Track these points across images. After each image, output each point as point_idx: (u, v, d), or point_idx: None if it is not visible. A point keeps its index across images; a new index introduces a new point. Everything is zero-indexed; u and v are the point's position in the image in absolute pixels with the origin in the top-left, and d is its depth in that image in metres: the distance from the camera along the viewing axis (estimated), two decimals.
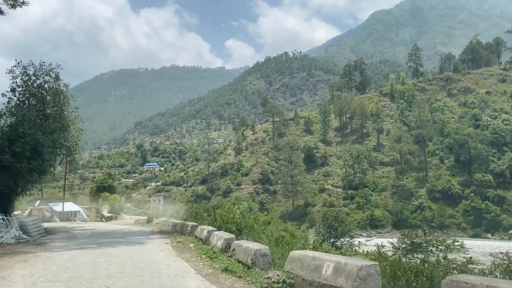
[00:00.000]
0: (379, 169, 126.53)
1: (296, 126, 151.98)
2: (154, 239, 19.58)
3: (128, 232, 25.38)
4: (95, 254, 13.58)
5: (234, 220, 16.56)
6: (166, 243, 16.95)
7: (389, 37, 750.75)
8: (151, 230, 25.81)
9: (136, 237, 21.26)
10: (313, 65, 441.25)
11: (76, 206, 61.96)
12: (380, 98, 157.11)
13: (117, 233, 24.07)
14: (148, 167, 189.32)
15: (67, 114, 28.91)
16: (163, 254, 13.67)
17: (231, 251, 12.04)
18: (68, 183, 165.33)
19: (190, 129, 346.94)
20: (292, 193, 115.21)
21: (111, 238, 20.15)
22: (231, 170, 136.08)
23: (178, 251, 14.48)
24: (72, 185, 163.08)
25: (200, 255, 13.18)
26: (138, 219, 46.68)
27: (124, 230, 27.44)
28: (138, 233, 23.94)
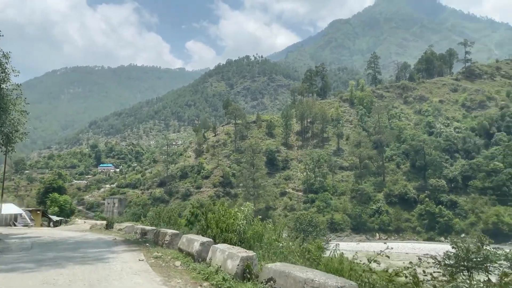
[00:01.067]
0: (339, 173, 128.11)
1: (258, 129, 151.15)
2: (120, 252, 14.29)
3: (83, 241, 19.53)
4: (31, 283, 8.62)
5: (234, 227, 11.95)
6: (140, 260, 12.11)
7: (347, 46, 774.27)
8: (113, 239, 20.27)
9: (94, 249, 15.64)
10: (274, 70, 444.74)
11: (17, 209, 53.82)
12: (340, 103, 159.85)
13: (67, 244, 18.30)
14: (102, 168, 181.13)
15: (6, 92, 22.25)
16: (142, 280, 9.10)
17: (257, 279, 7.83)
18: (13, 184, 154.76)
19: (148, 130, 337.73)
20: (253, 197, 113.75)
21: (59, 252, 14.61)
22: (191, 172, 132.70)
23: (163, 274, 9.77)
24: (18, 187, 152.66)
25: (198, 282, 8.84)
26: (94, 224, 39.12)
27: (77, 238, 21.46)
28: (97, 244, 18.30)
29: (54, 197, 73.32)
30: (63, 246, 17.29)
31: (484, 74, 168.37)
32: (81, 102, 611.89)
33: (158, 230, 17.19)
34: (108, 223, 31.50)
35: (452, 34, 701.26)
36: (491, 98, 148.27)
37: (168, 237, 14.96)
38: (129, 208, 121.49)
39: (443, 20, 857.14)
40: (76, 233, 27.03)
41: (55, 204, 71.13)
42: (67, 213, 72.76)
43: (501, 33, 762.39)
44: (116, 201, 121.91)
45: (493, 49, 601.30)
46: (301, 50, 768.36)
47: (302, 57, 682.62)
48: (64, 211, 72.49)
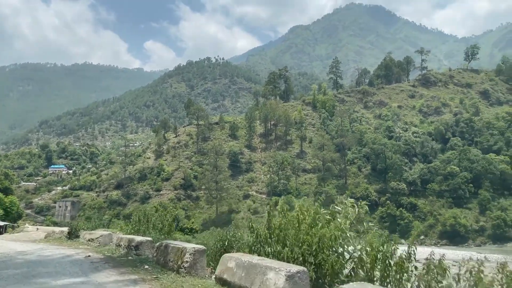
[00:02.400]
0: (302, 175, 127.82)
1: (221, 131, 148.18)
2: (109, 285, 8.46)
3: (40, 261, 12.32)
4: None
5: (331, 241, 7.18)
6: None
7: (306, 51, 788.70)
8: (85, 256, 13.28)
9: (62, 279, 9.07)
10: (235, 73, 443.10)
11: None
12: (303, 106, 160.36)
13: (14, 267, 11.08)
14: (53, 169, 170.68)
15: None
16: None
17: None
18: None
19: (104, 131, 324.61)
20: (216, 199, 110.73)
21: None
22: (151, 174, 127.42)
23: None
24: None
25: None
26: (51, 232, 27.50)
27: (29, 255, 14.00)
28: (63, 266, 11.19)
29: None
30: (7, 271, 10.01)
31: (439, 81, 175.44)
32: (31, 101, 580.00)
33: (165, 243, 10.75)
34: (71, 230, 22.57)
35: (405, 44, 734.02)
36: (446, 105, 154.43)
37: (190, 257, 9.27)
38: (83, 211, 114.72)
39: (397, 31, 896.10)
40: (28, 246, 18.82)
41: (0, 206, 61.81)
42: (13, 217, 64.32)
43: (449, 44, 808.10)
44: (68, 204, 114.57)
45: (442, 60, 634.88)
46: (262, 54, 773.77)
47: (263, 61, 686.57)
48: (10, 214, 63.69)
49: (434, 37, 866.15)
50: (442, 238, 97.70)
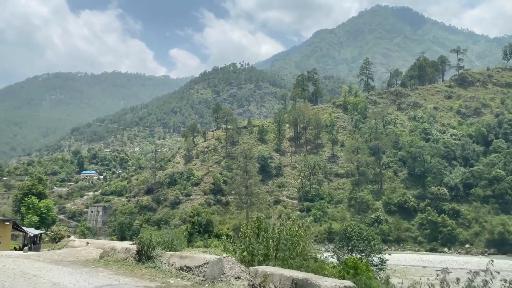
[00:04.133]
0: (334, 180, 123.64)
1: (249, 135, 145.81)
2: None
3: None
4: None
5: None
6: None
7: (331, 55, 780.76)
8: None
9: None
10: (260, 77, 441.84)
11: None
12: (333, 109, 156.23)
13: None
14: (85, 175, 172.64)
15: None
16: None
17: None
18: None
19: (132, 137, 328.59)
20: (246, 205, 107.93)
21: None
22: (180, 179, 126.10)
23: None
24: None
25: None
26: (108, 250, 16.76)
27: None
28: None
29: (32, 202, 56.90)
30: None
31: (477, 81, 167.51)
32: (63, 109, 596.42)
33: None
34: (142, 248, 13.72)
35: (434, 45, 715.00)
36: (486, 105, 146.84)
37: None
38: (114, 216, 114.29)
39: (426, 32, 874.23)
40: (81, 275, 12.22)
41: (34, 211, 55.00)
42: (48, 224, 59.29)
43: (481, 45, 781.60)
44: (100, 210, 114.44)
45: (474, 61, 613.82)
46: (287, 58, 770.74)
47: (288, 65, 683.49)
48: (45, 221, 57.90)
49: (464, 38, 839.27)
50: (489, 246, 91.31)
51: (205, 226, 67.30)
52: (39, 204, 56.25)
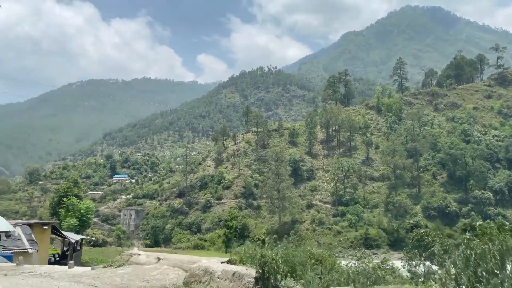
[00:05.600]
0: (369, 184, 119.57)
1: (280, 138, 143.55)
2: None
3: None
4: None
5: None
6: None
7: (360, 57, 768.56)
8: None
9: None
10: (288, 81, 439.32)
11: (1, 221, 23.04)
12: (367, 111, 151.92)
13: None
14: (117, 179, 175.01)
15: None
16: None
17: None
18: (27, 194, 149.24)
19: (162, 141, 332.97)
20: (279, 209, 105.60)
21: None
22: (211, 182, 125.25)
23: None
24: (32, 197, 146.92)
25: None
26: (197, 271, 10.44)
27: None
28: None
29: (72, 203, 53.03)
30: None
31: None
32: (96, 115, 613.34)
33: None
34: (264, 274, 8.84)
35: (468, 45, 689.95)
36: None
37: None
38: (147, 220, 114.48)
39: (458, 32, 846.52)
40: None
41: (73, 213, 50.60)
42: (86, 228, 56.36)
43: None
44: (133, 213, 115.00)
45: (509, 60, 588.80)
46: (314, 61, 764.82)
47: (315, 68, 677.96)
48: (85, 224, 54.05)
49: (499, 37, 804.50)
50: None
51: (241, 231, 65.48)
52: (79, 206, 52.00)
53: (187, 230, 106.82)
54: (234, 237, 63.51)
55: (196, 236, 69.23)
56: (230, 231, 63.52)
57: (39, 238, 25.11)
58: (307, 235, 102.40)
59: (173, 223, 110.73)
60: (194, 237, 70.06)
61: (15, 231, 21.54)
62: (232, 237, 62.56)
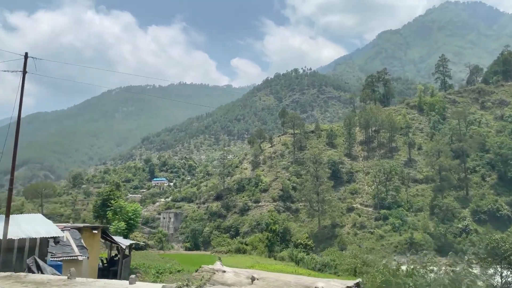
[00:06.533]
0: (413, 186, 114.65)
1: (317, 139, 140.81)
2: None
3: None
4: None
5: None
6: None
7: (397, 56, 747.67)
8: None
9: None
10: (323, 82, 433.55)
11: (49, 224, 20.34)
12: (408, 110, 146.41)
13: None
14: (156, 182, 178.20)
15: None
16: None
17: None
18: (71, 198, 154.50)
19: (199, 145, 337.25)
20: (318, 212, 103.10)
21: None
22: (248, 185, 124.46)
23: None
24: (75, 201, 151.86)
25: None
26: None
27: None
28: None
29: (120, 206, 50.13)
30: None
31: None
32: (134, 120, 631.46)
33: None
34: None
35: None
36: None
37: None
38: (185, 223, 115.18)
39: (502, 27, 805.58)
40: None
41: (120, 216, 47.65)
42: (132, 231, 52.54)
43: None
44: (172, 216, 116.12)
45: None
46: (349, 62, 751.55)
47: (351, 69, 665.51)
48: (133, 227, 50.69)
49: None
50: None
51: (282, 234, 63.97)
52: (126, 208, 49.07)
53: (225, 233, 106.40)
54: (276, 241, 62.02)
55: (236, 240, 68.39)
56: (273, 235, 61.97)
57: (89, 243, 23.21)
58: (349, 240, 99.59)
59: (212, 226, 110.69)
60: (234, 240, 69.23)
61: (63, 236, 19.75)
62: (275, 241, 61.06)
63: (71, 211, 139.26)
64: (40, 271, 16.09)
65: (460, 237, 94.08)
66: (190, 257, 48.68)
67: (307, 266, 43.97)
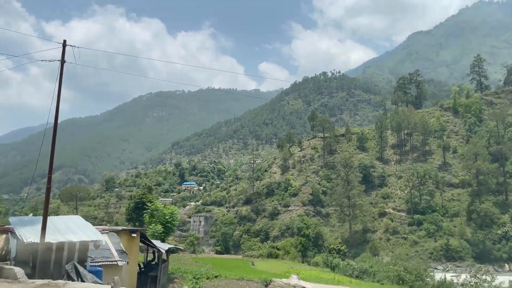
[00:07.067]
0: (448, 191, 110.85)
1: (348, 143, 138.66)
2: None
3: None
4: None
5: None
6: None
7: (429, 58, 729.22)
8: None
9: None
10: (352, 85, 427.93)
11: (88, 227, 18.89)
12: (442, 112, 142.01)
13: None
14: (186, 186, 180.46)
15: None
16: None
17: None
18: (104, 201, 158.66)
19: (227, 149, 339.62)
20: (350, 217, 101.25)
21: None
22: (278, 189, 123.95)
23: None
24: (108, 204, 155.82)
25: None
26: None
27: None
28: None
29: (156, 208, 48.61)
30: None
31: None
32: (164, 125, 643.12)
33: None
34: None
35: None
36: None
37: None
38: (215, 226, 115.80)
39: None
40: None
41: (157, 219, 45.99)
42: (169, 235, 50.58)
43: None
44: (202, 219, 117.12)
45: None
46: (379, 64, 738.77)
47: (381, 71, 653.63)
48: (170, 231, 48.80)
49: None
50: None
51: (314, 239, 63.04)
52: (163, 211, 47.33)
53: (255, 237, 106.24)
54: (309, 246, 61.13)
55: (267, 244, 68.08)
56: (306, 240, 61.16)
57: (128, 247, 21.86)
58: (381, 245, 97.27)
59: (241, 230, 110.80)
60: (264, 244, 68.95)
61: (102, 241, 18.32)
62: (308, 246, 60.19)
63: (104, 214, 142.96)
64: (80, 279, 15.05)
65: (500, 243, 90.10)
66: (223, 261, 48.61)
67: (343, 273, 42.94)
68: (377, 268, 42.99)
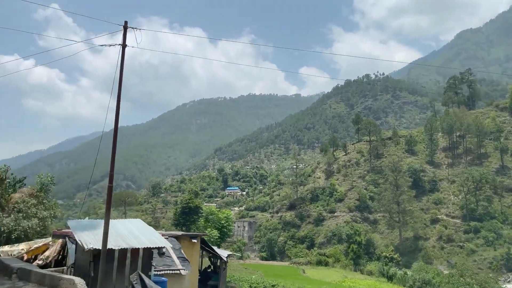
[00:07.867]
0: (507, 196, 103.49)
1: (395, 146, 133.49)
2: None
3: None
4: None
5: None
6: None
7: (480, 56, 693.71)
8: None
9: None
10: (397, 87, 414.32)
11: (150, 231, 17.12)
12: (497, 113, 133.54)
13: None
14: (229, 191, 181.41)
15: None
16: None
17: None
18: (151, 206, 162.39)
19: (269, 154, 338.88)
20: (399, 224, 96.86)
21: None
22: (322, 195, 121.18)
23: None
24: (155, 209, 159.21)
25: None
26: None
27: None
28: None
29: (211, 213, 48.50)
30: None
31: None
32: (207, 132, 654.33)
33: None
34: None
35: None
36: None
37: None
38: (259, 232, 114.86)
39: None
40: None
41: (213, 224, 45.24)
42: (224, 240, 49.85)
43: None
44: (246, 225, 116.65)
45: None
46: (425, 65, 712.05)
47: (427, 72, 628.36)
48: (226, 236, 48.36)
49: None
50: None
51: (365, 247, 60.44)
52: (218, 215, 46.91)
53: (300, 243, 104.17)
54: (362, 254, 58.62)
55: (314, 251, 66.08)
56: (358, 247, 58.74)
57: (188, 254, 20.39)
58: (435, 254, 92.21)
59: (286, 236, 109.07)
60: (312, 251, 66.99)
61: (164, 248, 16.35)
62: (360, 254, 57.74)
63: (151, 219, 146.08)
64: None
65: None
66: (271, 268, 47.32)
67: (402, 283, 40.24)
68: (440, 280, 39.97)
